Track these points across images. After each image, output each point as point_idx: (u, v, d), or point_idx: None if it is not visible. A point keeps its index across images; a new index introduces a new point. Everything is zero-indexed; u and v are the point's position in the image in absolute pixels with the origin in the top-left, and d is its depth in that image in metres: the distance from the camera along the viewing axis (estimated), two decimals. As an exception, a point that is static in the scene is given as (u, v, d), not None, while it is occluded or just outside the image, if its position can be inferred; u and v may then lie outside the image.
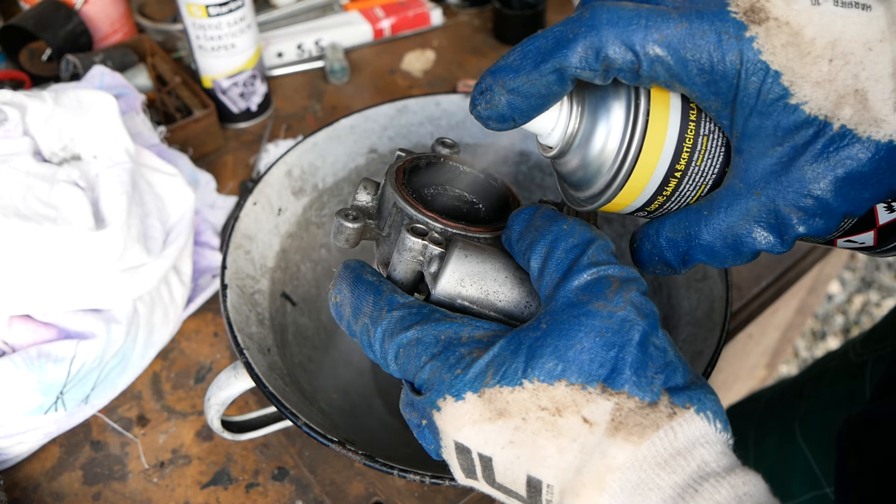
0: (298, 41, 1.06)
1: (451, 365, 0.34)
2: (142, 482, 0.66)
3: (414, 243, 0.40)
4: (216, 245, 0.81)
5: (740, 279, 0.81)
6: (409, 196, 0.43)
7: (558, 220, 0.36)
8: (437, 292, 0.39)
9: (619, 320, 0.32)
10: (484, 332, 0.35)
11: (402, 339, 0.36)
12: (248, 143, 0.95)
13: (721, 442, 0.32)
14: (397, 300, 0.37)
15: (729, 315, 0.56)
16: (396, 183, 0.44)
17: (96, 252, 0.63)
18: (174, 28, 1.06)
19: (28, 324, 0.63)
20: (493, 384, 0.33)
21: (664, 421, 0.31)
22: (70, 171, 0.67)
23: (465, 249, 0.39)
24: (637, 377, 0.32)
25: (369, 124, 0.70)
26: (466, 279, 0.39)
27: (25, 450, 0.66)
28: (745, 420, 0.90)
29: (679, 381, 0.32)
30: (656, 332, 0.33)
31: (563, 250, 0.35)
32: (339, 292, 0.39)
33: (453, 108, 0.71)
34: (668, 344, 0.33)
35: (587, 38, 0.33)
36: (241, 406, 0.70)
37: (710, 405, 0.32)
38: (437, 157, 0.47)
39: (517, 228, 0.38)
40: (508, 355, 0.33)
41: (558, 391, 0.32)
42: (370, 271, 0.39)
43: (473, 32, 1.14)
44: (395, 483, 0.65)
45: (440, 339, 0.35)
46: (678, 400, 0.32)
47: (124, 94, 0.80)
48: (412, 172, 0.46)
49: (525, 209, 0.39)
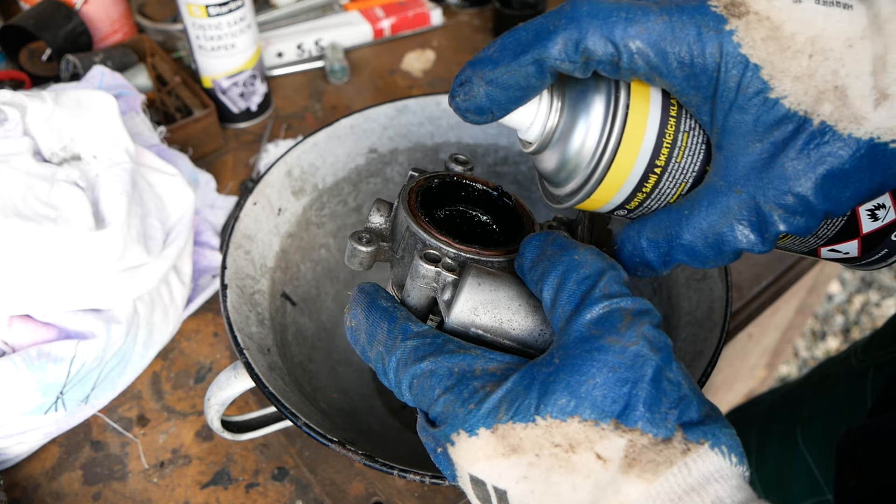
0: (298, 41, 1.06)
1: (464, 399, 0.34)
2: (142, 482, 0.66)
3: (427, 270, 0.40)
4: (216, 245, 0.81)
5: (740, 279, 0.81)
6: (421, 220, 0.43)
7: (570, 250, 0.36)
8: (450, 321, 0.39)
9: (631, 355, 0.32)
10: (497, 364, 0.35)
11: (415, 370, 0.36)
12: (248, 143, 0.95)
13: (736, 476, 0.32)
14: (411, 329, 0.37)
15: (729, 315, 0.56)
16: (409, 205, 0.44)
17: (96, 252, 0.63)
18: (174, 28, 1.06)
19: (28, 324, 0.63)
20: (506, 420, 0.33)
21: (678, 457, 0.31)
22: (70, 171, 0.67)
23: (479, 277, 0.39)
24: (651, 413, 0.32)
25: (369, 124, 0.70)
26: (480, 308, 0.39)
27: (25, 450, 0.66)
28: (747, 425, 0.89)
29: (693, 415, 0.32)
30: (670, 365, 0.33)
31: (575, 282, 0.34)
32: (354, 317, 0.39)
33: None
34: (683, 377, 0.33)
35: (567, 30, 0.33)
36: (241, 406, 0.70)
37: (725, 439, 0.32)
38: (450, 176, 0.47)
39: (529, 256, 0.38)
40: (521, 391, 0.33)
41: (571, 427, 0.32)
42: (384, 296, 0.39)
43: (473, 32, 1.14)
44: (395, 483, 0.65)
45: (454, 371, 0.35)
46: (692, 435, 0.31)
47: (124, 94, 0.80)
48: (425, 193, 0.46)
49: (536, 236, 0.38)
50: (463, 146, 0.73)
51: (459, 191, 0.48)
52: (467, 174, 0.48)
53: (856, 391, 0.74)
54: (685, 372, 0.34)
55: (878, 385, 0.72)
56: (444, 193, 0.47)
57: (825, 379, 0.82)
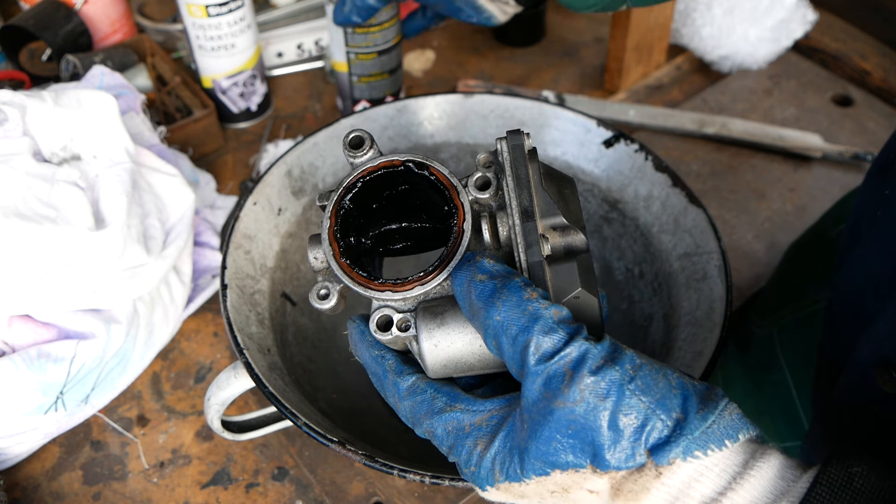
0: (298, 41, 1.06)
1: (465, 461, 0.39)
2: (142, 482, 0.66)
3: (385, 339, 0.42)
4: (216, 245, 0.81)
5: (740, 279, 0.81)
6: (354, 273, 0.42)
7: (491, 307, 0.37)
8: (430, 376, 0.42)
9: (581, 413, 0.35)
10: (481, 416, 0.39)
11: (422, 428, 0.41)
12: (248, 143, 0.95)
13: (721, 462, 0.34)
14: (401, 387, 0.42)
15: (729, 315, 0.56)
16: (336, 258, 0.42)
17: (96, 252, 0.63)
18: (174, 28, 1.06)
19: (28, 324, 0.63)
20: (503, 481, 0.37)
21: (652, 482, 0.35)
22: (70, 171, 0.67)
23: (432, 337, 0.40)
24: (616, 454, 0.35)
25: (369, 124, 0.70)
26: (448, 363, 0.41)
27: (25, 450, 0.66)
28: None
29: (661, 433, 0.34)
30: (623, 399, 0.35)
31: (508, 344, 0.37)
32: (356, 355, 0.45)
33: (453, 108, 0.71)
34: (640, 398, 0.35)
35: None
36: (241, 406, 0.70)
37: (696, 444, 0.34)
38: (354, 184, 0.44)
39: (463, 306, 0.40)
40: (507, 454, 0.37)
41: (557, 478, 0.36)
42: (370, 342, 0.43)
43: (473, 32, 1.14)
44: (395, 483, 0.65)
45: (448, 430, 0.39)
46: (661, 459, 0.34)
47: (124, 94, 0.80)
48: (344, 224, 0.43)
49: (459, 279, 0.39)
50: (463, 146, 0.73)
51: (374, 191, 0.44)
52: (369, 165, 0.44)
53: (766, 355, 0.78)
54: (647, 379, 0.35)
55: (786, 345, 0.75)
56: (361, 206, 0.44)
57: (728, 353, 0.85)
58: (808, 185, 0.90)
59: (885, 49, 1.05)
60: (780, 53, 1.03)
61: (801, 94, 1.01)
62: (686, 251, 0.63)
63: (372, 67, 0.90)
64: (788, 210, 0.88)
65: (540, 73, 1.06)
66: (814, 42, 1.05)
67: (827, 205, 0.87)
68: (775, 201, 0.88)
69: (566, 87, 1.04)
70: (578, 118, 0.69)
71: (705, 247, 0.61)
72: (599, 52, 1.09)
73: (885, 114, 0.98)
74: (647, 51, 1.00)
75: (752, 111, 0.99)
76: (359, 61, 0.89)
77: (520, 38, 1.10)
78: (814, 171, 0.92)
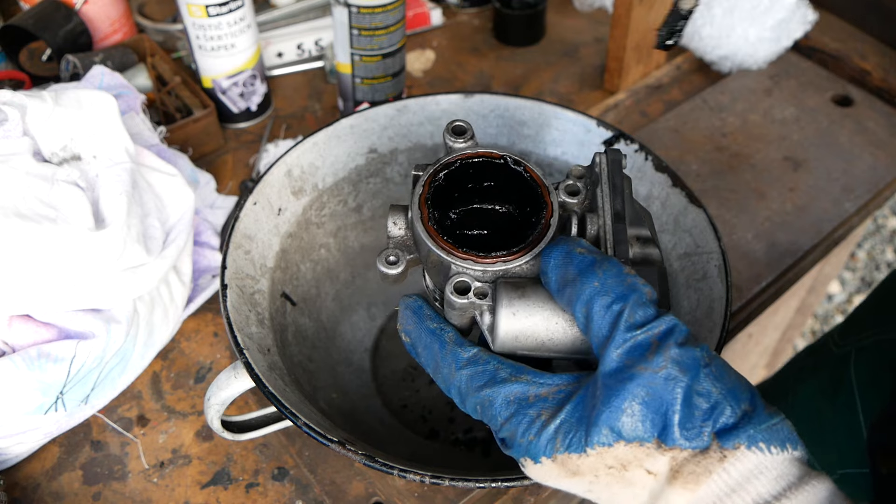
0: (298, 41, 1.06)
1: (523, 430, 0.38)
2: (142, 482, 0.66)
3: (461, 303, 0.42)
4: (216, 245, 0.81)
5: (740, 279, 0.81)
6: (441, 240, 0.43)
7: (589, 275, 0.38)
8: (496, 348, 0.42)
9: (661, 381, 0.35)
10: (548, 388, 0.39)
11: (475, 399, 0.40)
12: (247, 143, 0.95)
13: (778, 464, 0.35)
14: (461, 356, 0.41)
15: (729, 315, 0.56)
16: (424, 223, 0.44)
17: (96, 252, 0.63)
18: (174, 28, 1.06)
19: (28, 324, 0.63)
20: (562, 451, 0.37)
21: (715, 466, 0.35)
22: (70, 171, 0.67)
23: (511, 305, 0.41)
24: (686, 430, 0.35)
25: (369, 124, 0.70)
26: (520, 336, 0.41)
27: (25, 450, 0.66)
28: None
29: (728, 419, 0.35)
30: (699, 379, 0.35)
31: (601, 310, 0.37)
32: (407, 334, 0.44)
33: (453, 107, 0.71)
34: (715, 381, 0.36)
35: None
36: (241, 406, 0.70)
37: (762, 435, 0.35)
38: (453, 162, 0.47)
39: (553, 278, 0.40)
40: (574, 423, 0.37)
41: (619, 451, 0.36)
42: (429, 315, 0.43)
43: (473, 32, 1.14)
44: (395, 483, 0.65)
45: (510, 399, 0.39)
46: (727, 442, 0.35)
47: (124, 94, 0.80)
48: (435, 195, 0.46)
49: (554, 252, 0.40)
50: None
51: (469, 176, 0.47)
52: (468, 151, 0.47)
53: (839, 375, 0.77)
54: (720, 369, 0.36)
55: (861, 367, 0.74)
56: (454, 185, 0.47)
57: (804, 369, 0.83)
58: (809, 185, 0.90)
59: (885, 49, 1.05)
60: (780, 53, 1.03)
61: (801, 94, 1.01)
62: (686, 251, 0.63)
63: (376, 70, 0.90)
64: (788, 210, 0.88)
65: (540, 73, 1.06)
66: (814, 42, 1.05)
67: (827, 204, 0.87)
68: (775, 201, 0.88)
69: (566, 87, 1.04)
70: (579, 118, 0.69)
71: (705, 247, 0.61)
72: (599, 52, 1.09)
73: (885, 114, 0.98)
74: (647, 50, 1.00)
75: (752, 111, 0.99)
76: (363, 63, 0.89)
77: (520, 38, 1.10)
78: (814, 171, 0.92)
